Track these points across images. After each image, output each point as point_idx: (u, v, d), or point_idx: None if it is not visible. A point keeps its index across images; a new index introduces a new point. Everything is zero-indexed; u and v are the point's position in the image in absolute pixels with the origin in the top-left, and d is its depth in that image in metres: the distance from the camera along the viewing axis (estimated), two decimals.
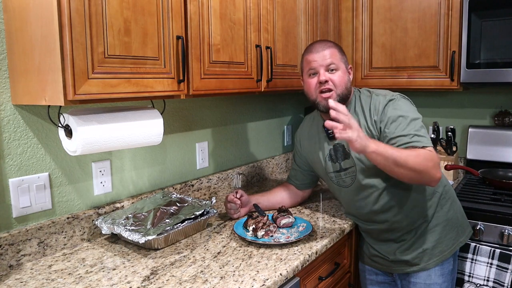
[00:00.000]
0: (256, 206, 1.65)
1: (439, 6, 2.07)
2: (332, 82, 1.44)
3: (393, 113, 1.40)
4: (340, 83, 1.45)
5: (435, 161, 1.32)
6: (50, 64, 1.04)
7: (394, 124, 1.39)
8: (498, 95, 2.34)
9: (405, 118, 1.39)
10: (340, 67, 1.46)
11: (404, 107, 1.42)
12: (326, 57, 1.44)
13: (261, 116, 2.33)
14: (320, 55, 1.45)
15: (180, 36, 1.28)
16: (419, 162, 1.29)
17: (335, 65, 1.45)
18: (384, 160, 1.28)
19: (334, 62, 1.45)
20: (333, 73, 1.45)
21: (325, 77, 1.44)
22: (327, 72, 1.45)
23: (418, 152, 1.31)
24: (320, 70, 1.45)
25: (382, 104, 1.43)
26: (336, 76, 1.45)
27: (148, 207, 1.46)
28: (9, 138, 1.25)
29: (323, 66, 1.45)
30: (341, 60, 1.47)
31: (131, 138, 1.29)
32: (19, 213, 1.28)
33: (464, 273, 1.79)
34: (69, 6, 0.99)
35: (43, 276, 1.19)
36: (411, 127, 1.37)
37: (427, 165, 1.30)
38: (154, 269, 1.22)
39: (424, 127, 1.40)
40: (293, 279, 1.28)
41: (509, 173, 2.21)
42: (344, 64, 1.48)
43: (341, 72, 1.46)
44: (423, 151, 1.32)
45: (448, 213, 1.55)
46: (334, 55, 1.46)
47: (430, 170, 1.31)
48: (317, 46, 1.48)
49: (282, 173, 2.48)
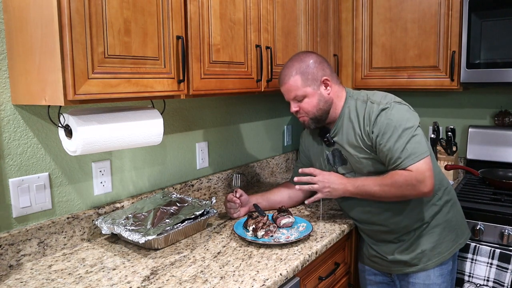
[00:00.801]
0: (256, 206, 1.65)
1: (439, 6, 2.07)
2: (302, 110, 1.51)
3: (384, 123, 1.39)
4: (308, 109, 1.50)
5: (415, 181, 1.35)
6: (50, 64, 1.04)
7: (385, 136, 1.39)
8: (498, 95, 2.34)
9: (397, 129, 1.38)
10: (306, 93, 1.48)
11: (397, 116, 1.40)
12: (289, 91, 1.50)
13: (261, 116, 2.33)
14: (284, 89, 1.52)
15: (180, 36, 1.28)
16: (396, 190, 1.38)
17: (300, 96, 1.49)
18: (365, 197, 1.46)
19: (298, 93, 1.48)
20: (301, 101, 1.50)
21: (294, 108, 1.52)
22: (295, 102, 1.51)
23: (396, 178, 1.37)
24: (290, 101, 1.53)
25: (375, 114, 1.42)
26: (304, 104, 1.50)
27: (148, 207, 1.46)
28: (9, 138, 1.25)
29: (290, 99, 1.52)
30: (305, 85, 1.47)
31: (131, 138, 1.29)
32: (19, 213, 1.28)
33: (464, 273, 1.79)
34: (69, 6, 0.99)
35: (43, 276, 1.19)
36: (403, 140, 1.37)
37: (406, 189, 1.37)
38: (154, 269, 1.22)
39: (418, 134, 1.39)
40: (293, 279, 1.28)
41: (509, 173, 2.21)
42: (310, 86, 1.47)
43: (308, 99, 1.49)
44: (402, 176, 1.36)
45: (448, 215, 1.54)
46: (295, 86, 1.48)
47: (412, 192, 1.38)
48: (281, 77, 1.52)
49: (282, 173, 2.48)
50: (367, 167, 1.46)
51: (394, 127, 1.38)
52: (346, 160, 1.52)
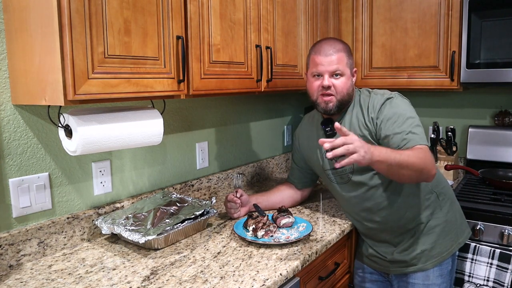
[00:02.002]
0: (256, 206, 1.65)
1: (439, 6, 2.07)
2: (334, 88, 1.44)
3: (390, 111, 1.41)
4: (342, 89, 1.45)
5: (430, 158, 1.34)
6: (50, 64, 1.04)
7: (390, 121, 1.40)
8: (498, 95, 2.34)
9: (402, 115, 1.39)
10: (345, 73, 1.45)
11: (402, 105, 1.43)
12: (333, 63, 1.43)
13: (261, 116, 2.33)
14: (327, 60, 1.44)
15: (180, 36, 1.28)
16: (419, 161, 1.30)
17: (341, 71, 1.44)
18: (388, 166, 1.26)
19: (340, 68, 1.44)
20: (337, 78, 1.45)
21: (328, 83, 1.44)
22: (331, 77, 1.45)
23: (416, 151, 1.32)
24: (325, 74, 1.44)
25: (380, 102, 1.44)
26: (339, 82, 1.44)
27: (148, 207, 1.46)
28: (9, 138, 1.25)
29: (328, 72, 1.44)
30: (347, 65, 1.46)
31: (131, 138, 1.29)
32: (19, 213, 1.28)
33: (464, 273, 1.79)
34: (69, 6, 0.99)
35: (43, 276, 1.19)
36: (407, 125, 1.37)
37: (426, 163, 1.31)
38: (154, 269, 1.22)
39: (420, 126, 1.40)
40: (293, 279, 1.28)
41: (509, 173, 2.21)
42: (349, 68, 1.48)
43: (345, 78, 1.45)
44: (420, 150, 1.33)
45: (448, 215, 1.55)
46: (341, 61, 1.44)
47: (428, 167, 1.32)
48: (326, 48, 1.45)
49: (282, 173, 2.48)
50: None
51: (399, 114, 1.39)
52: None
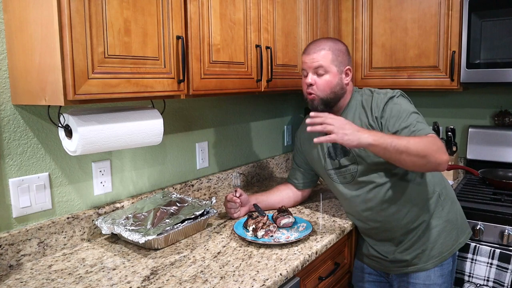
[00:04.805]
0: (256, 206, 1.65)
1: (439, 6, 2.07)
2: (316, 86, 1.46)
3: (393, 109, 1.42)
4: (325, 87, 1.45)
5: (438, 144, 1.33)
6: (50, 64, 1.04)
7: (394, 118, 1.41)
8: (498, 95, 2.34)
9: (406, 111, 1.41)
10: (329, 70, 1.45)
11: (404, 103, 1.45)
12: (315, 60, 1.45)
13: (261, 116, 2.33)
14: (310, 58, 1.46)
15: (180, 36, 1.28)
16: (421, 146, 1.29)
17: (324, 69, 1.45)
18: (384, 150, 1.27)
19: (323, 65, 1.44)
20: (320, 76, 1.46)
21: (310, 81, 1.46)
22: (314, 75, 1.46)
23: (420, 138, 1.33)
24: (309, 71, 1.47)
25: (383, 101, 1.45)
26: (321, 80, 1.45)
27: (148, 207, 1.46)
28: (9, 138, 1.25)
29: (311, 69, 1.46)
30: (333, 63, 1.46)
31: (131, 138, 1.29)
32: (19, 213, 1.28)
33: (464, 273, 1.79)
34: (69, 6, 0.99)
35: (43, 276, 1.19)
36: (412, 119, 1.40)
37: (431, 148, 1.30)
38: (154, 269, 1.22)
39: (424, 121, 1.43)
40: (293, 279, 1.28)
41: (509, 173, 2.22)
42: (336, 67, 1.46)
43: (329, 76, 1.45)
44: (425, 137, 1.33)
45: (449, 214, 1.55)
46: (325, 58, 1.45)
47: (434, 154, 1.30)
48: (311, 47, 1.49)
49: (282, 173, 2.48)
50: (371, 156, 1.46)
51: (403, 111, 1.41)
52: (349, 151, 1.51)
